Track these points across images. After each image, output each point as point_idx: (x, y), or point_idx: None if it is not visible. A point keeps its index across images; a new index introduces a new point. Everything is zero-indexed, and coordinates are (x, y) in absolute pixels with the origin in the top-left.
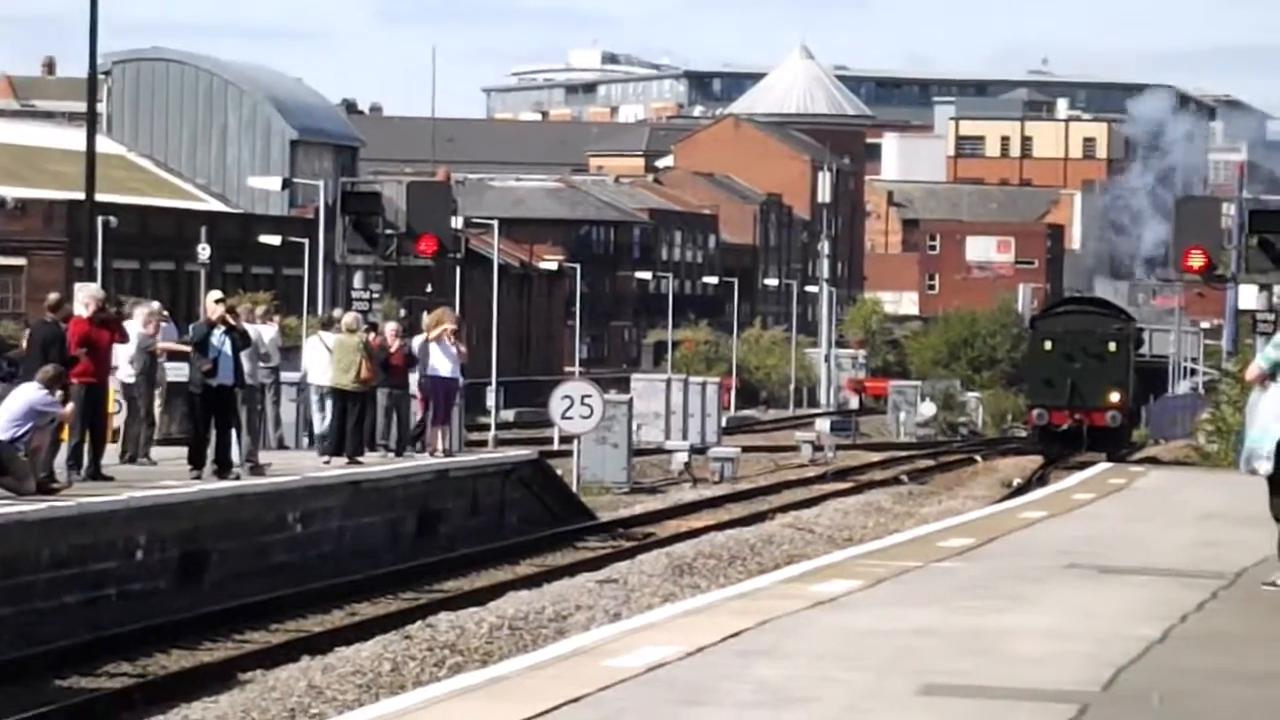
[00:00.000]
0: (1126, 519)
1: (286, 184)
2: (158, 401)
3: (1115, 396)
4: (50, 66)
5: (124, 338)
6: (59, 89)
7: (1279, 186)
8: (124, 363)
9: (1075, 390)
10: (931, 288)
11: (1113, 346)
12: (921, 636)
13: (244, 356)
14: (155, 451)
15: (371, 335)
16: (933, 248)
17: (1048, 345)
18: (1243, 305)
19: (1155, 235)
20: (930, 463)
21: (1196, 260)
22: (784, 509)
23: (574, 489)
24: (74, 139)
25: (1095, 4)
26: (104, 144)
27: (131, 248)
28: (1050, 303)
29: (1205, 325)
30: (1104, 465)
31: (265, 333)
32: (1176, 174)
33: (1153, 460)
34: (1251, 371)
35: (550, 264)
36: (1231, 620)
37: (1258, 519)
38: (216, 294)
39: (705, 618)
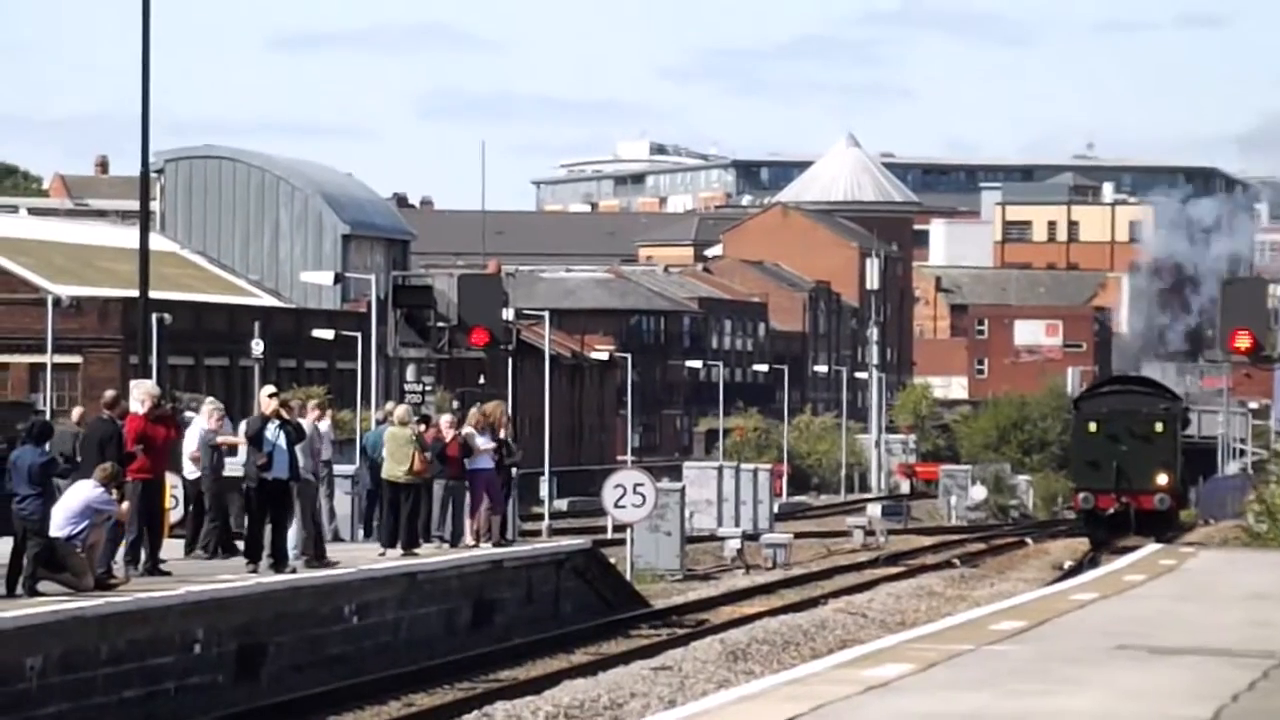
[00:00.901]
0: (1176, 599)
1: (339, 278)
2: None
3: (1163, 478)
4: (104, 166)
5: (179, 434)
6: (113, 188)
7: None
8: (187, 459)
9: (1121, 473)
10: (980, 372)
11: (1159, 427)
12: None
13: (298, 450)
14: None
15: (423, 427)
16: (981, 332)
17: (1092, 426)
18: None
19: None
20: (981, 546)
21: (1243, 342)
22: (836, 594)
23: (628, 577)
24: (128, 237)
25: (1138, 88)
26: (157, 241)
27: (186, 344)
28: (1094, 383)
29: (1254, 405)
30: (1154, 547)
31: (319, 427)
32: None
33: (1201, 542)
34: None
35: (601, 354)
36: None
37: None
38: (270, 389)
39: (758, 704)
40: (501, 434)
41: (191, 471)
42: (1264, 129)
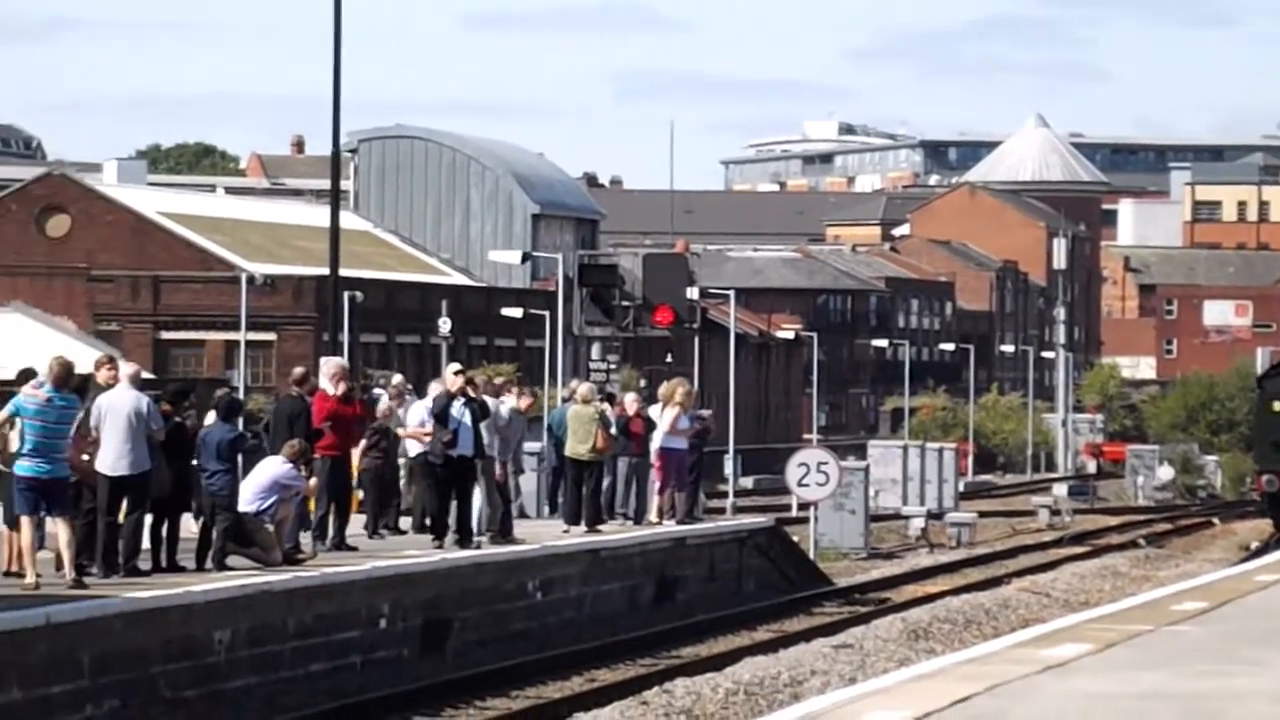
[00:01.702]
0: None
1: (526, 257)
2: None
3: None
4: (300, 145)
5: (367, 411)
6: (308, 167)
7: None
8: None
9: None
10: (1169, 352)
11: None
12: (1149, 700)
13: (483, 427)
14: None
15: (608, 405)
16: (1169, 312)
17: (1277, 406)
18: None
19: None
20: (1168, 526)
21: None
22: (1020, 573)
23: (811, 555)
24: (322, 216)
25: None
26: (350, 220)
27: (378, 321)
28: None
29: None
30: None
31: (505, 403)
32: None
33: None
34: None
35: (788, 333)
36: None
37: None
38: (456, 366)
39: (935, 683)
40: (705, 414)
41: (415, 448)
42: None
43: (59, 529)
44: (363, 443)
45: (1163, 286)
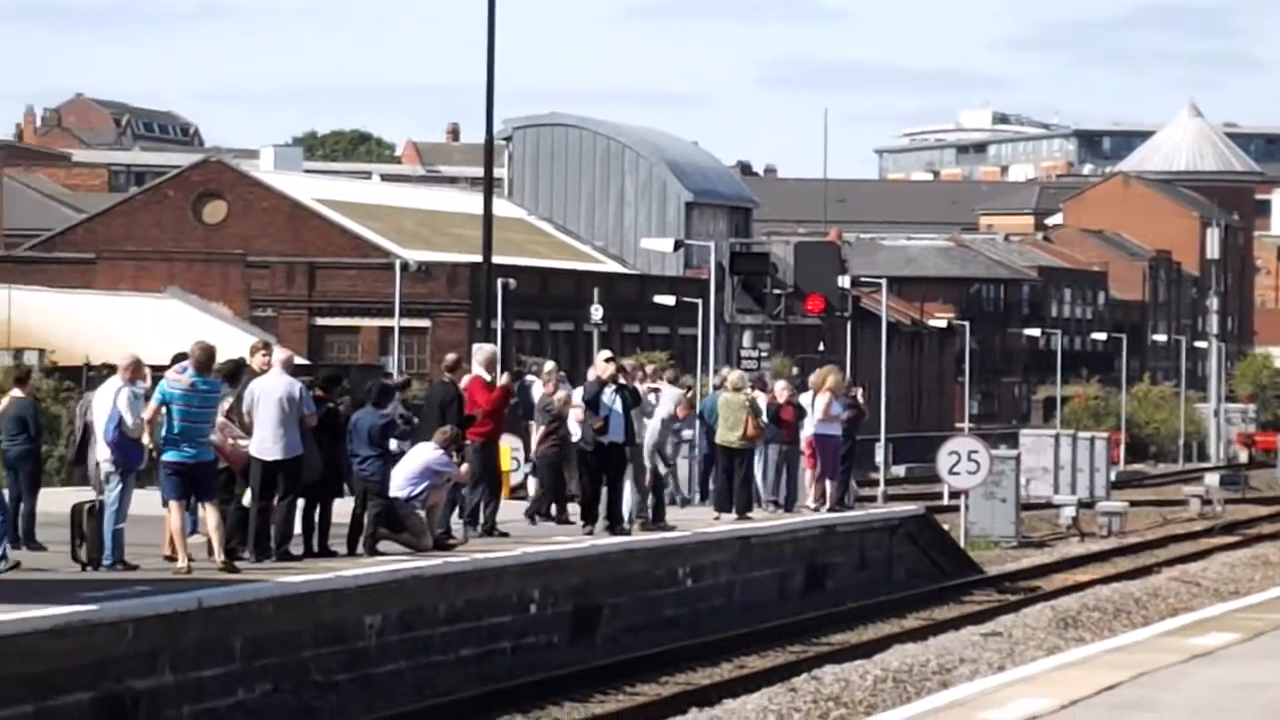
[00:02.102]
0: None
1: (679, 245)
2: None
3: None
4: (455, 133)
5: (519, 397)
6: (463, 154)
7: None
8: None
9: None
10: None
11: None
12: None
13: (633, 414)
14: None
15: (759, 393)
16: None
17: None
18: None
19: None
20: None
21: None
22: (1170, 562)
23: (961, 543)
24: (477, 203)
25: None
26: (504, 208)
27: (532, 308)
28: None
29: None
30: None
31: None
32: None
33: None
34: None
35: (941, 321)
36: None
37: None
38: (606, 353)
39: (1081, 671)
40: (860, 398)
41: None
42: None
43: (207, 513)
44: (540, 429)
45: None
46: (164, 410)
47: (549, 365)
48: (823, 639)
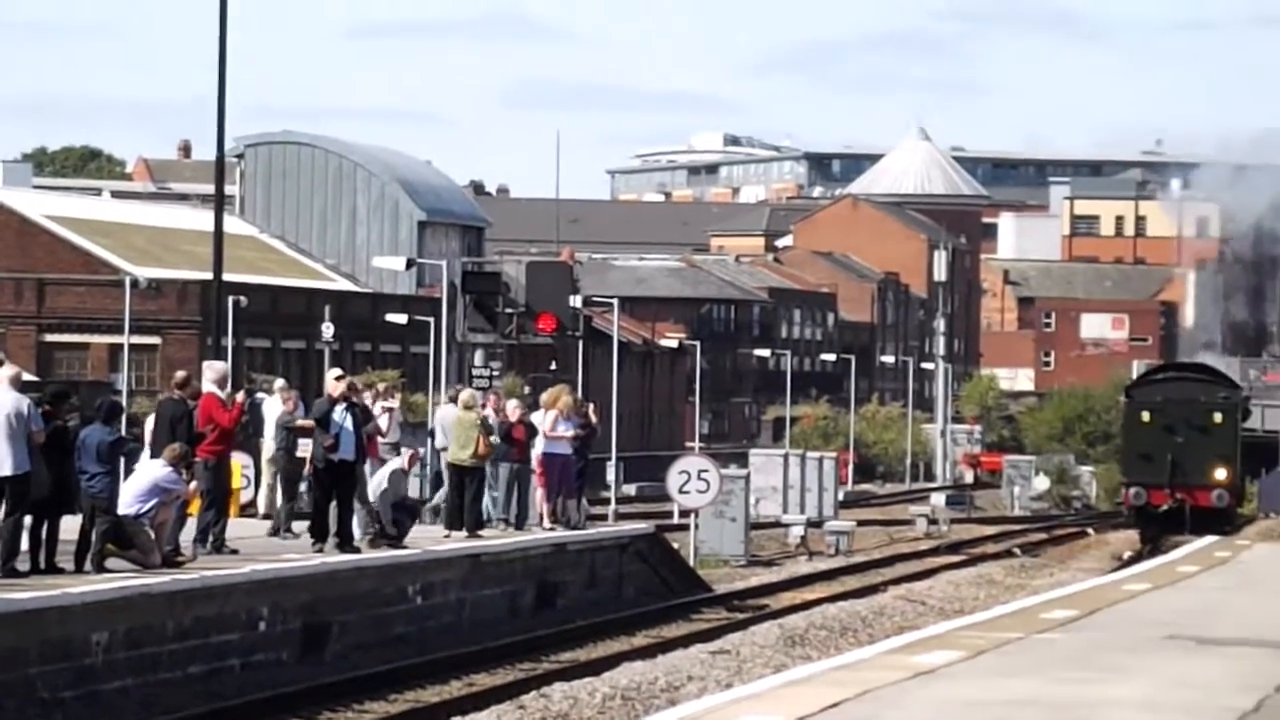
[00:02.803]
0: (1229, 591)
1: (411, 264)
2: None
3: (1222, 473)
4: (186, 150)
5: (249, 415)
6: (194, 172)
7: None
8: (268, 439)
9: (1177, 467)
10: (1046, 364)
11: (1218, 417)
12: (1017, 707)
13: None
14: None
15: (490, 412)
16: (1048, 325)
17: (1145, 416)
18: None
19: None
20: (1043, 536)
21: None
22: (897, 581)
23: (691, 562)
24: (208, 220)
25: (1208, 84)
26: (236, 225)
27: (263, 326)
28: (1149, 370)
29: None
30: (1209, 539)
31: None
32: None
33: (1258, 535)
34: None
35: (672, 342)
36: None
37: None
38: (337, 371)
39: (808, 688)
40: (592, 418)
41: (269, 451)
42: None
43: None
44: (277, 447)
45: (1041, 299)
46: None
47: (279, 383)
48: (552, 657)
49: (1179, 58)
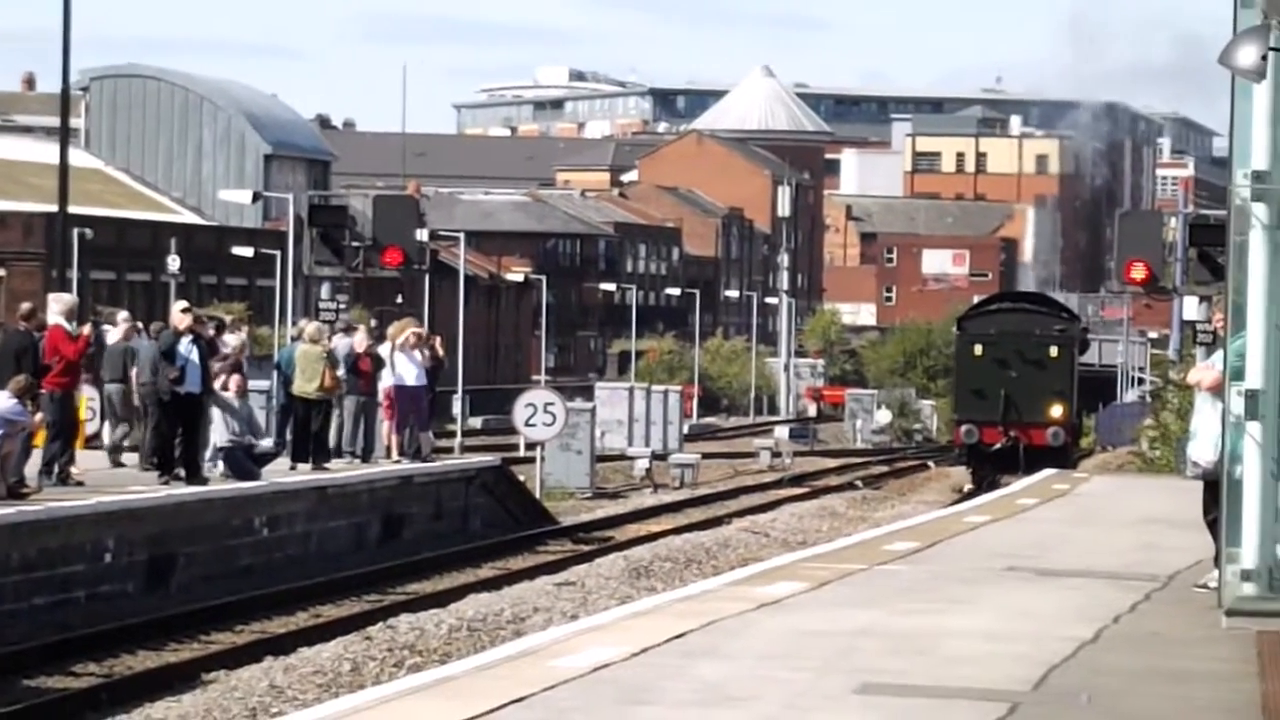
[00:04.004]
0: (1068, 523)
1: (257, 197)
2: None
3: (1057, 410)
4: (30, 82)
5: (96, 347)
6: (39, 104)
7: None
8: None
9: (1010, 403)
10: (888, 299)
11: (1054, 351)
12: (861, 637)
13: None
14: (125, 457)
15: (335, 344)
16: (890, 260)
17: (978, 350)
18: (1186, 316)
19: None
20: (885, 469)
21: (1138, 272)
22: (741, 514)
23: (537, 494)
24: (53, 153)
25: (1047, 23)
26: (81, 158)
27: (108, 259)
28: (982, 300)
29: (1153, 335)
30: (1048, 472)
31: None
32: (1124, 190)
33: (1096, 468)
34: (1210, 379)
35: (518, 276)
36: (1162, 621)
37: (1195, 523)
38: (183, 304)
39: (653, 619)
40: (439, 351)
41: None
42: (1173, 64)
43: None
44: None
45: (883, 235)
46: None
47: (122, 314)
48: (399, 588)
49: None
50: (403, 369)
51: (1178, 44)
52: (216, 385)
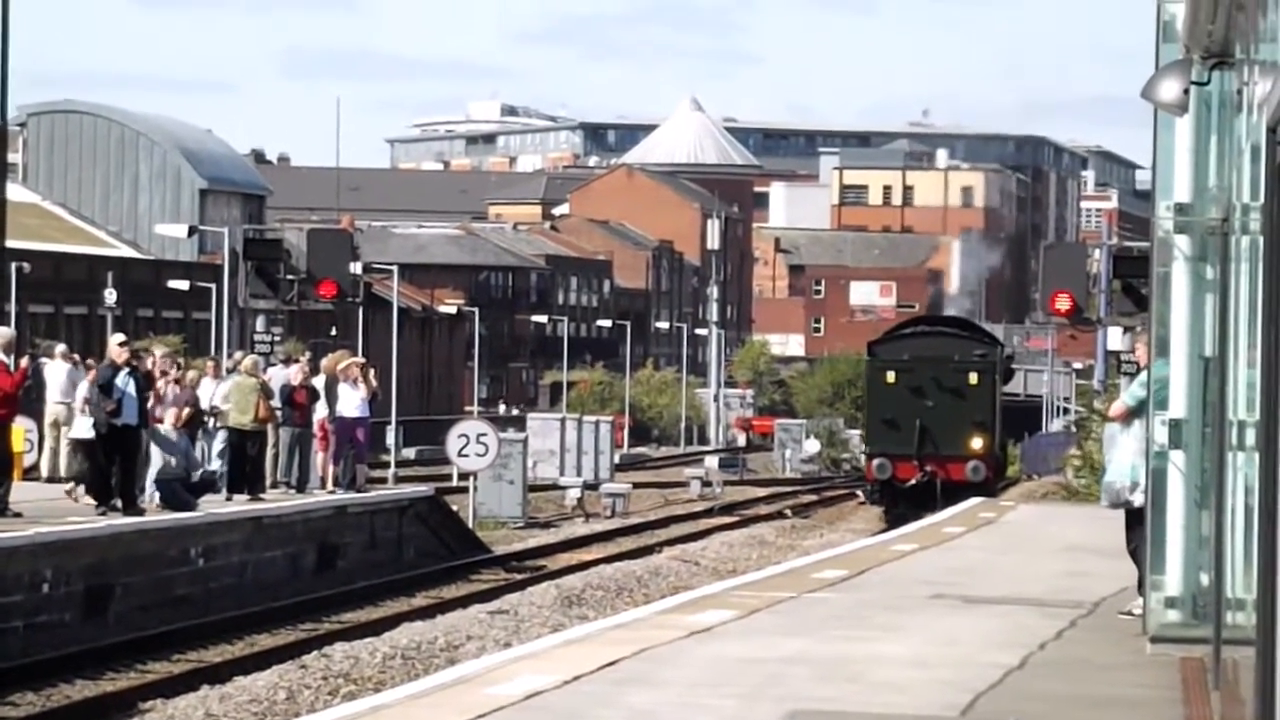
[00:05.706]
0: (994, 551)
1: (193, 231)
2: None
3: (978, 442)
4: None
5: (32, 379)
6: None
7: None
8: (50, 404)
9: (926, 435)
10: (817, 330)
11: (974, 378)
12: (790, 664)
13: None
14: (59, 489)
15: (296, 368)
16: (818, 292)
17: (890, 377)
18: (1110, 347)
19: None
20: (814, 498)
21: (1063, 304)
22: (672, 542)
23: (470, 524)
24: None
25: (973, 57)
26: (19, 193)
27: (45, 293)
28: (896, 324)
29: (1078, 366)
30: (975, 500)
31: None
32: (1048, 222)
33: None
34: (1117, 409)
35: (450, 308)
36: (1087, 648)
37: (1119, 551)
38: (120, 337)
39: (585, 648)
40: (372, 383)
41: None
42: (1096, 97)
43: None
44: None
45: (812, 267)
46: None
47: (60, 348)
48: (333, 617)
49: (945, 28)
50: (345, 400)
51: (1100, 78)
52: (169, 419)
